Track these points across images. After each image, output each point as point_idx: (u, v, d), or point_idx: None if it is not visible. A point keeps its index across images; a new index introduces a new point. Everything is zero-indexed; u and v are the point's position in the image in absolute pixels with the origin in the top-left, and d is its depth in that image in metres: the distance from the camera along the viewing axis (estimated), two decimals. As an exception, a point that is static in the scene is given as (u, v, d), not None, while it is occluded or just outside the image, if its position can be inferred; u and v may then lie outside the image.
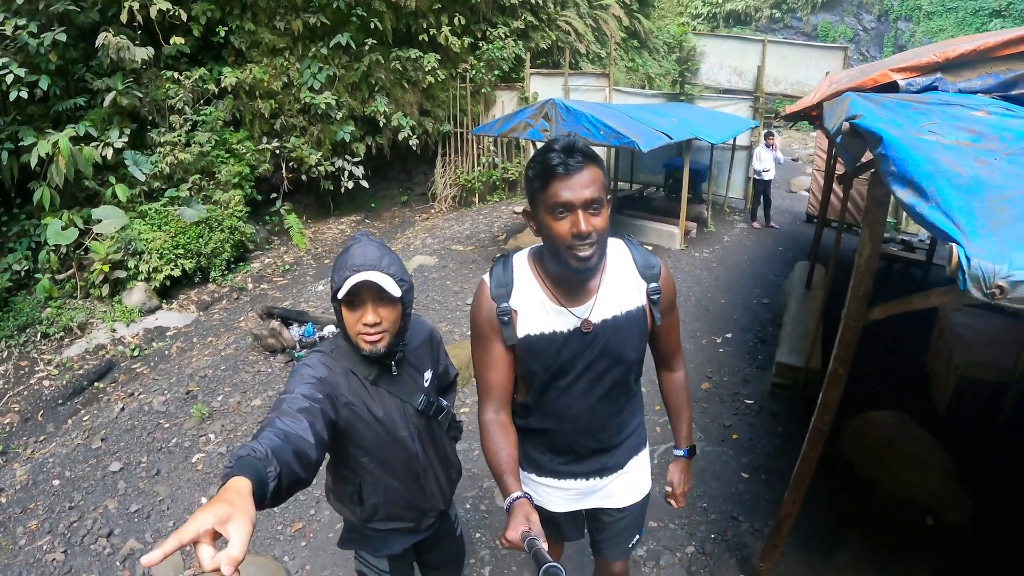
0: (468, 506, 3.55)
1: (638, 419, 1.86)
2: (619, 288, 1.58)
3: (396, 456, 1.77)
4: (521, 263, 1.60)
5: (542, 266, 1.57)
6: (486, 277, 1.61)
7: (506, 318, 1.55)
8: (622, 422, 1.77)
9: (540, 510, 1.56)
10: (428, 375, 1.84)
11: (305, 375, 1.59)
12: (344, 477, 1.80)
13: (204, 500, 3.85)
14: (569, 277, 1.50)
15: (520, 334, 1.57)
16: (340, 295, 1.55)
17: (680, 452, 1.91)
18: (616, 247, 1.62)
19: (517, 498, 1.40)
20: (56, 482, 4.29)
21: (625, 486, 1.87)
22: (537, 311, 1.56)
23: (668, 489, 1.89)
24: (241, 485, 1.01)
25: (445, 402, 1.93)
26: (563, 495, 1.83)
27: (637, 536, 2.04)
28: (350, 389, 1.67)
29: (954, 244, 1.08)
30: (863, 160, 2.73)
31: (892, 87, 3.26)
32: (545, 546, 1.24)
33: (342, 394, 1.64)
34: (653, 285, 1.61)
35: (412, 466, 1.81)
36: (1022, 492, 3.66)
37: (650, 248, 7.94)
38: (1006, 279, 1.02)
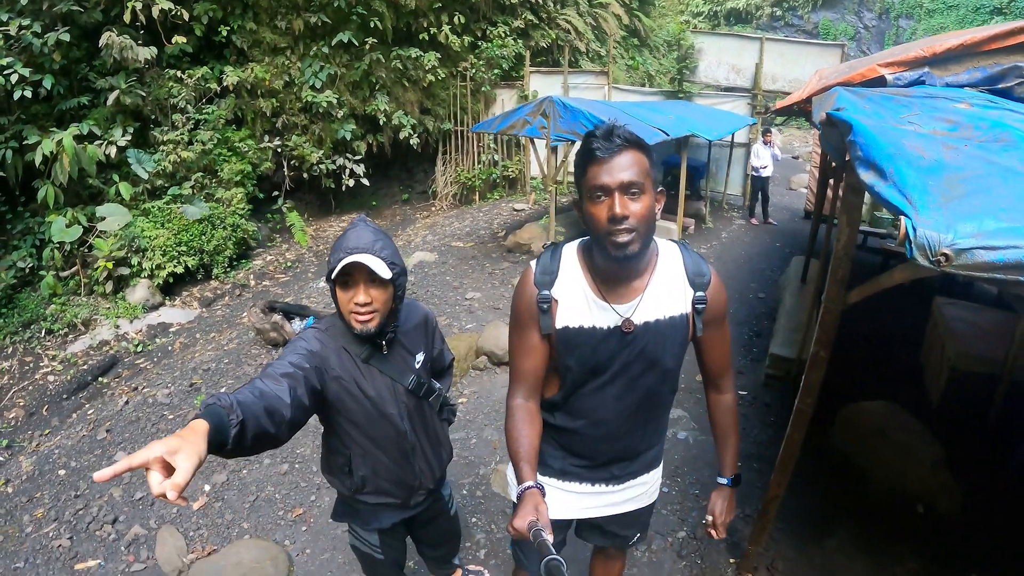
0: (465, 492, 3.62)
1: (661, 434, 1.80)
2: (666, 291, 1.53)
3: (385, 432, 1.84)
4: (570, 253, 1.57)
5: (590, 258, 1.53)
6: (533, 263, 1.59)
7: (545, 306, 1.52)
8: (647, 434, 1.72)
9: None
10: (420, 357, 1.91)
11: (298, 347, 1.68)
12: (335, 449, 1.89)
13: (208, 487, 3.93)
14: (614, 270, 1.47)
15: (559, 324, 1.53)
16: (333, 275, 1.63)
17: (724, 480, 1.80)
18: (669, 249, 1.57)
19: (529, 487, 1.40)
20: (62, 472, 4.37)
21: (629, 496, 1.82)
22: (579, 303, 1.52)
23: (709, 518, 1.81)
24: (197, 425, 1.11)
25: (438, 384, 2.00)
26: (562, 498, 1.76)
27: (638, 535, 1.99)
28: (341, 365, 1.75)
29: (903, 216, 1.14)
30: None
31: (880, 82, 3.32)
32: (551, 538, 1.24)
33: (332, 368, 1.72)
34: (700, 294, 1.53)
35: (401, 443, 1.88)
36: (1010, 482, 3.71)
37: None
38: (951, 247, 1.08)
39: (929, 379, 4.89)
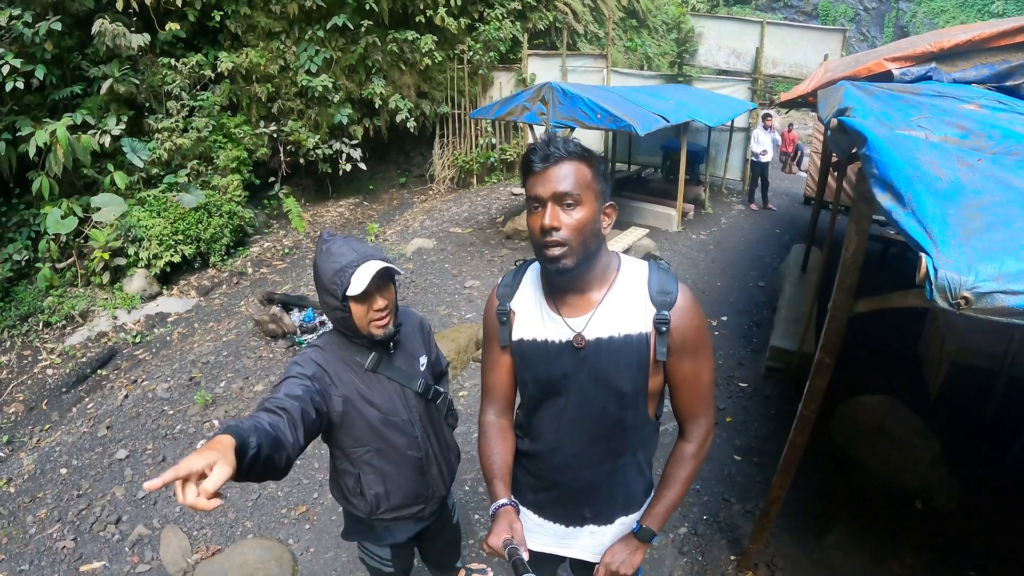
0: (467, 488, 3.63)
1: (636, 468, 1.61)
2: (623, 307, 1.43)
3: (396, 442, 1.81)
4: (533, 268, 1.57)
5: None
6: (500, 279, 1.62)
7: (504, 318, 1.54)
8: (615, 468, 1.57)
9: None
10: (423, 360, 1.91)
11: (295, 373, 1.63)
12: (345, 471, 1.86)
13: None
14: (559, 283, 1.44)
15: (515, 336, 1.52)
16: (357, 291, 1.58)
17: (635, 527, 1.55)
18: (635, 266, 1.49)
19: (503, 505, 1.43)
20: (63, 471, 4.36)
21: (610, 542, 1.63)
22: (534, 316, 1.50)
23: (600, 570, 1.55)
24: (226, 440, 1.11)
25: (442, 388, 1.99)
26: (539, 532, 1.70)
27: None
28: (346, 381, 1.72)
29: (923, 254, 1.11)
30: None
31: (887, 76, 3.28)
32: (526, 555, 1.24)
33: (336, 387, 1.70)
34: (663, 313, 1.40)
35: (413, 451, 1.86)
36: (1009, 477, 3.73)
37: (647, 230, 8.03)
38: (971, 290, 1.05)
39: (927, 371, 4.90)
